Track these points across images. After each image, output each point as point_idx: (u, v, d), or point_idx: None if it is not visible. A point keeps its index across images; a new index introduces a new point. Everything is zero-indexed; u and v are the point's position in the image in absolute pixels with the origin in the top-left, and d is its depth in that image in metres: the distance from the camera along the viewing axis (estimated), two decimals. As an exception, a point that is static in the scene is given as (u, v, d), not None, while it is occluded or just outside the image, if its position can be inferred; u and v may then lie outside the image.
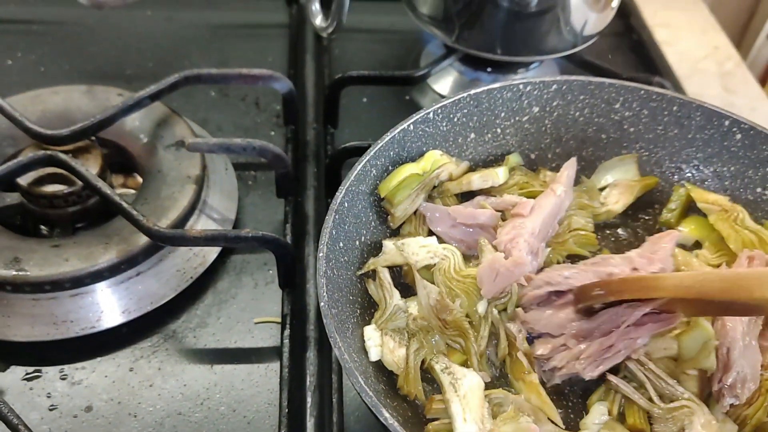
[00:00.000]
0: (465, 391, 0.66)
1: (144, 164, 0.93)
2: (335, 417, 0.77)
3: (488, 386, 0.71)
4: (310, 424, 0.77)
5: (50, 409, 0.78)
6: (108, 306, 0.83)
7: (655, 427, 0.68)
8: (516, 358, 0.71)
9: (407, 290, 0.78)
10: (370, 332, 0.72)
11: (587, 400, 0.72)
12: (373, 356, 0.70)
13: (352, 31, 1.24)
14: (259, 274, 0.91)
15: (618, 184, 0.88)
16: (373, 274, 0.77)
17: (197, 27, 1.24)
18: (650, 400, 0.68)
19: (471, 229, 0.79)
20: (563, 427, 0.69)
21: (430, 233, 0.81)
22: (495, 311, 0.74)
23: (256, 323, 0.87)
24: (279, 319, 0.86)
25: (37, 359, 0.81)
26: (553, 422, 0.69)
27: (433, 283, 0.75)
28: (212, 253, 0.89)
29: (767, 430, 0.70)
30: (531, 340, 0.73)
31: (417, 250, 0.77)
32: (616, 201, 0.86)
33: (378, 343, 0.71)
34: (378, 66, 1.20)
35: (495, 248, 0.77)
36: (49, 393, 0.79)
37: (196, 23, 1.25)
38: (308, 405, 0.78)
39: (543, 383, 0.71)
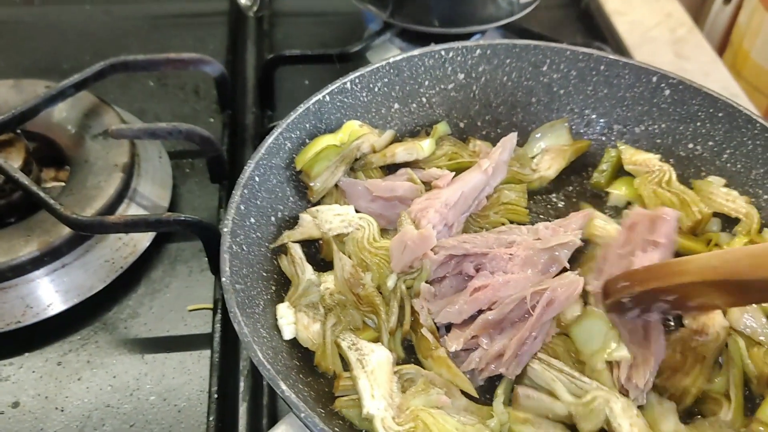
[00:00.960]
0: (373, 366, 0.64)
1: (72, 155, 0.92)
2: (266, 400, 0.76)
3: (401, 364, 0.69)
4: (242, 409, 0.75)
5: (-24, 407, 0.76)
6: (33, 300, 0.81)
7: (581, 425, 0.65)
8: (421, 334, 0.69)
9: (326, 267, 0.76)
10: (283, 310, 0.70)
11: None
12: (287, 335, 0.68)
13: (294, 14, 1.23)
14: (194, 261, 0.89)
15: (549, 150, 0.86)
16: (285, 250, 0.74)
17: (136, 19, 1.23)
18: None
19: (390, 203, 0.77)
20: (477, 396, 0.67)
21: (355, 208, 0.79)
22: (403, 286, 0.72)
23: (190, 311, 0.85)
24: (212, 306, 0.84)
25: (-39, 357, 0.79)
26: (466, 395, 0.67)
27: (346, 253, 0.73)
28: (144, 241, 0.87)
29: (711, 398, 0.68)
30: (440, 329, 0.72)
31: (331, 218, 0.75)
32: (549, 167, 0.85)
33: (291, 320, 0.69)
34: (321, 47, 1.18)
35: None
36: (-25, 390, 0.77)
37: (135, 15, 1.23)
38: (241, 390, 0.76)
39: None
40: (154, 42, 1.19)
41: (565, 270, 0.71)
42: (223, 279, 0.63)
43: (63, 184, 0.94)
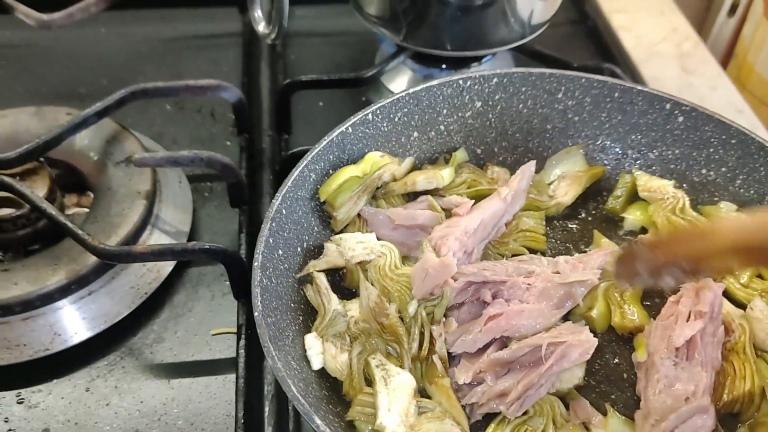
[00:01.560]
0: (395, 386, 0.66)
1: (95, 182, 0.93)
2: (291, 425, 0.77)
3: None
4: (268, 432, 0.77)
5: (7, 434, 0.78)
6: (61, 327, 0.82)
7: None
8: (431, 361, 0.71)
9: (349, 295, 0.78)
10: (311, 341, 0.71)
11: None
12: (316, 365, 0.70)
13: (306, 35, 1.24)
14: (216, 285, 0.91)
15: (566, 176, 0.88)
16: (311, 280, 0.76)
17: (151, 41, 1.24)
18: None
19: (412, 231, 0.79)
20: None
21: (377, 236, 0.81)
22: (424, 313, 0.74)
23: (214, 335, 0.86)
24: (235, 330, 0.85)
25: (-8, 384, 0.81)
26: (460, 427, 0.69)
27: (368, 280, 0.75)
28: (167, 267, 0.89)
29: (760, 423, 0.69)
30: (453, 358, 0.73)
31: (354, 245, 0.77)
32: (565, 193, 0.86)
33: (320, 351, 0.71)
34: (334, 69, 1.20)
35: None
36: (6, 417, 0.79)
37: (150, 38, 1.25)
38: (266, 414, 0.78)
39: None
40: (168, 65, 1.20)
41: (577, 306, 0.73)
42: (256, 314, 0.64)
43: (85, 209, 0.96)
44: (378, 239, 0.79)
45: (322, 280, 0.75)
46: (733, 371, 0.70)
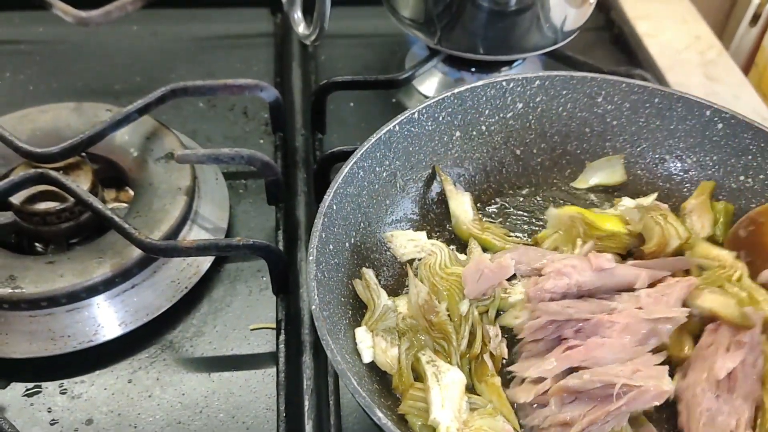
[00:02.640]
0: (447, 383, 0.67)
1: (135, 178, 0.94)
2: (333, 419, 0.78)
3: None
4: (308, 427, 0.78)
5: (51, 424, 0.78)
6: (104, 319, 0.83)
7: None
8: (482, 359, 0.72)
9: (392, 290, 0.80)
10: (362, 334, 0.72)
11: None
12: (366, 358, 0.71)
13: (337, 36, 1.26)
14: (253, 281, 0.92)
15: (691, 210, 0.85)
16: (360, 275, 0.78)
17: (183, 40, 1.25)
18: None
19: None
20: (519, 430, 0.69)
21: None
22: (476, 312, 0.75)
23: (252, 330, 0.87)
24: (274, 325, 0.87)
25: (36, 375, 0.82)
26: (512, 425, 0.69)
27: (417, 277, 0.76)
28: (206, 262, 0.90)
29: None
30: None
31: (405, 243, 0.78)
32: (702, 226, 0.84)
33: (370, 344, 0.72)
34: (363, 70, 1.21)
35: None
36: (49, 408, 0.80)
37: (182, 36, 1.26)
38: (306, 408, 0.79)
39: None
40: (200, 63, 1.22)
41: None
42: (313, 307, 0.65)
43: (124, 204, 0.98)
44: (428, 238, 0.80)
45: (371, 275, 0.77)
46: None
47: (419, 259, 0.78)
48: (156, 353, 0.85)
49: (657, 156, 0.90)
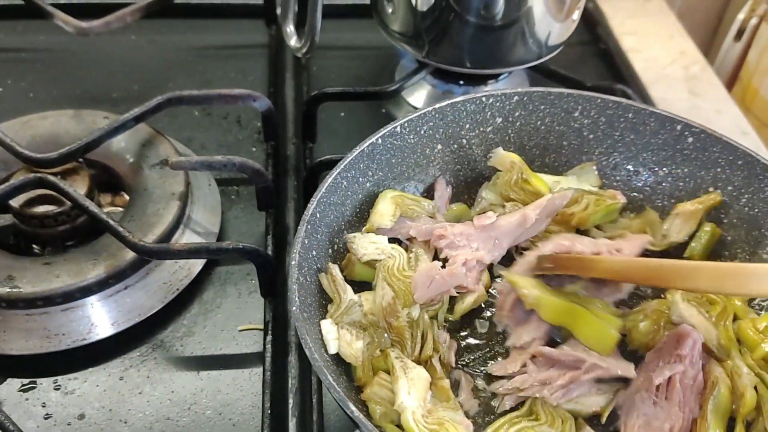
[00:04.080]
0: (413, 376, 0.71)
1: (131, 183, 0.98)
2: (315, 417, 0.82)
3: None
4: (292, 424, 0.81)
5: (45, 418, 0.82)
6: (98, 319, 0.87)
7: None
8: (431, 363, 0.75)
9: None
10: (327, 326, 0.75)
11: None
12: (332, 349, 0.74)
13: (329, 48, 1.29)
14: (243, 284, 0.95)
15: (680, 213, 0.88)
16: (326, 270, 0.81)
17: (180, 50, 1.29)
18: None
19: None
20: None
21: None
22: (426, 317, 0.79)
23: (240, 331, 0.91)
24: (262, 326, 0.90)
25: (31, 371, 0.85)
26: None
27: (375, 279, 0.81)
28: (197, 265, 0.94)
29: None
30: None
31: (366, 244, 0.82)
32: (679, 231, 0.88)
33: (335, 336, 0.74)
34: (355, 81, 1.25)
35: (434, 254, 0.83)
36: (44, 403, 0.83)
37: (179, 46, 1.30)
38: (290, 406, 0.82)
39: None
40: (196, 73, 1.25)
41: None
42: (294, 308, 0.69)
43: (119, 209, 1.01)
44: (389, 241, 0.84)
45: (336, 270, 0.80)
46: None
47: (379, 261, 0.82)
48: (147, 352, 0.88)
49: (631, 168, 0.93)
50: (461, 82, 1.16)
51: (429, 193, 0.93)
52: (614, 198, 0.89)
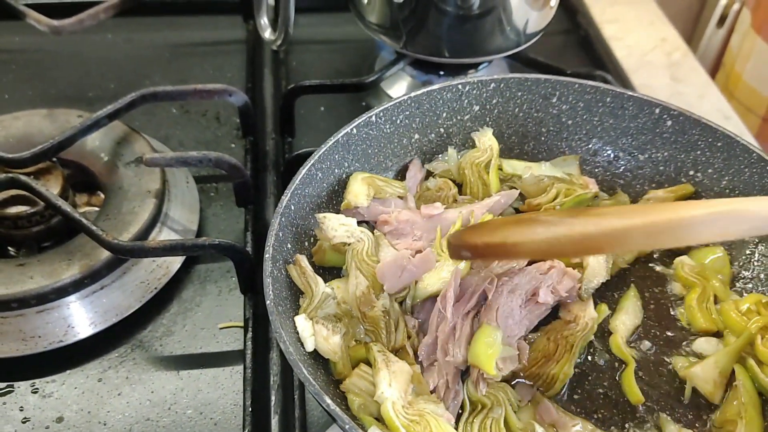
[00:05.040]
0: (395, 369, 0.70)
1: (106, 182, 0.97)
2: (297, 413, 0.81)
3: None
4: (274, 421, 0.80)
5: (23, 422, 0.80)
6: (75, 320, 0.85)
7: None
8: (405, 349, 0.75)
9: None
10: (302, 323, 0.73)
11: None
12: (309, 346, 0.72)
13: (308, 42, 1.28)
14: (223, 281, 0.94)
15: (651, 198, 0.89)
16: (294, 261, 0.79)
17: (157, 47, 1.28)
18: None
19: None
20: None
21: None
22: (396, 305, 0.78)
23: (221, 329, 0.90)
24: (242, 324, 0.89)
25: (7, 375, 0.84)
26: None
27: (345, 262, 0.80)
28: (175, 263, 0.92)
29: (728, 420, 0.73)
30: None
31: (336, 226, 0.81)
32: None
33: (311, 332, 0.73)
34: (334, 75, 1.24)
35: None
36: (21, 406, 0.82)
37: (156, 43, 1.28)
38: (272, 403, 0.81)
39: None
40: (174, 70, 1.24)
41: None
42: (268, 302, 0.68)
43: (95, 208, 1.00)
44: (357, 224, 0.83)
45: (304, 261, 0.78)
46: (554, 352, 0.76)
47: (348, 244, 0.81)
48: (126, 353, 0.87)
49: (611, 153, 0.92)
50: (441, 73, 1.15)
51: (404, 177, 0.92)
52: (586, 187, 0.89)
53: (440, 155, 0.93)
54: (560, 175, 0.90)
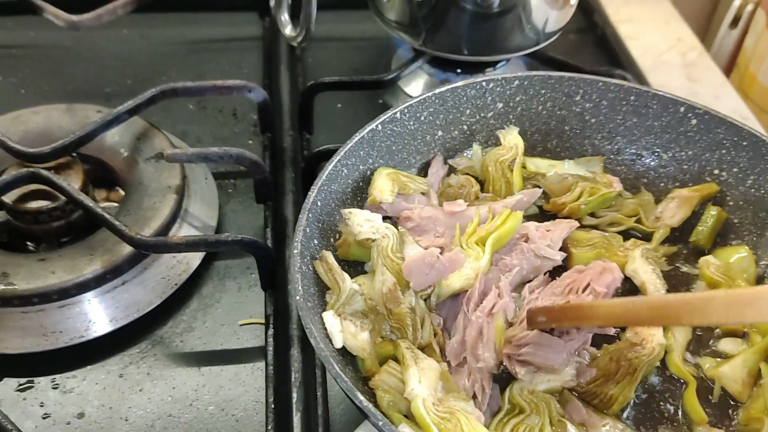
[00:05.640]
0: (424, 366, 0.69)
1: (125, 177, 0.96)
2: (320, 410, 0.80)
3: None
4: (296, 418, 0.79)
5: (44, 418, 0.80)
6: (96, 315, 0.85)
7: None
8: (432, 347, 0.74)
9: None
10: (330, 319, 0.73)
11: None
12: (338, 343, 0.72)
13: (324, 39, 1.28)
14: (242, 277, 0.94)
15: (676, 197, 0.88)
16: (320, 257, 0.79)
17: (173, 43, 1.28)
18: None
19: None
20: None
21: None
22: (422, 303, 0.77)
23: (241, 325, 0.89)
24: (263, 321, 0.89)
25: (29, 370, 0.83)
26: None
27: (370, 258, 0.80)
28: (195, 259, 0.92)
29: (754, 418, 0.72)
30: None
31: (362, 221, 0.80)
32: (673, 215, 0.87)
33: (339, 329, 0.73)
34: (351, 72, 1.23)
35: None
36: (42, 402, 0.81)
37: (172, 39, 1.28)
38: (294, 400, 0.81)
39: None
40: (190, 66, 1.24)
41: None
42: (297, 298, 0.68)
43: (114, 204, 0.99)
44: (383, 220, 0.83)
45: (330, 257, 0.78)
46: (615, 373, 0.74)
47: (374, 240, 0.80)
48: (146, 348, 0.87)
49: (634, 152, 0.92)
50: (459, 71, 1.15)
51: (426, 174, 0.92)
52: (610, 186, 0.88)
53: (464, 151, 0.92)
54: (584, 173, 0.89)
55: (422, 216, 0.83)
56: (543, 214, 0.90)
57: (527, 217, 0.87)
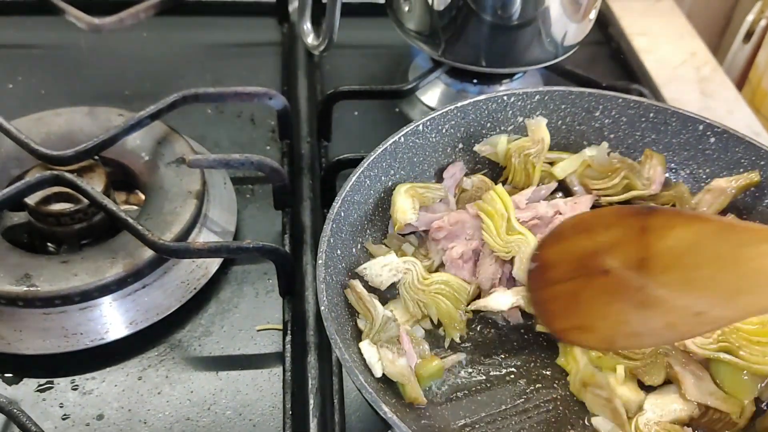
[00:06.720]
0: None
1: (146, 181, 0.97)
2: (337, 417, 0.81)
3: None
4: (313, 425, 0.80)
5: (63, 419, 0.81)
6: (116, 318, 0.86)
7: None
8: None
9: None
10: (367, 348, 0.74)
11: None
12: (378, 372, 0.72)
13: (342, 47, 1.27)
14: (260, 283, 0.95)
15: (713, 188, 0.88)
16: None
17: (192, 47, 1.28)
18: None
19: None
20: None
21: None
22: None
23: (258, 331, 0.90)
24: (280, 326, 0.89)
25: (49, 371, 0.84)
26: None
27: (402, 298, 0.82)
28: (214, 264, 0.93)
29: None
30: None
31: (379, 270, 0.81)
32: (709, 205, 0.87)
33: (377, 357, 0.73)
34: (368, 80, 1.24)
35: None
36: (61, 403, 0.82)
37: (191, 44, 1.29)
38: (311, 407, 0.82)
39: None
40: (209, 71, 1.24)
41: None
42: (322, 308, 0.68)
43: (135, 207, 1.00)
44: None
45: (360, 287, 0.78)
46: None
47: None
48: (165, 352, 0.88)
49: (653, 169, 0.93)
50: (475, 81, 1.16)
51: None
52: (650, 184, 0.88)
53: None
54: (630, 162, 0.90)
55: (451, 222, 0.84)
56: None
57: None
